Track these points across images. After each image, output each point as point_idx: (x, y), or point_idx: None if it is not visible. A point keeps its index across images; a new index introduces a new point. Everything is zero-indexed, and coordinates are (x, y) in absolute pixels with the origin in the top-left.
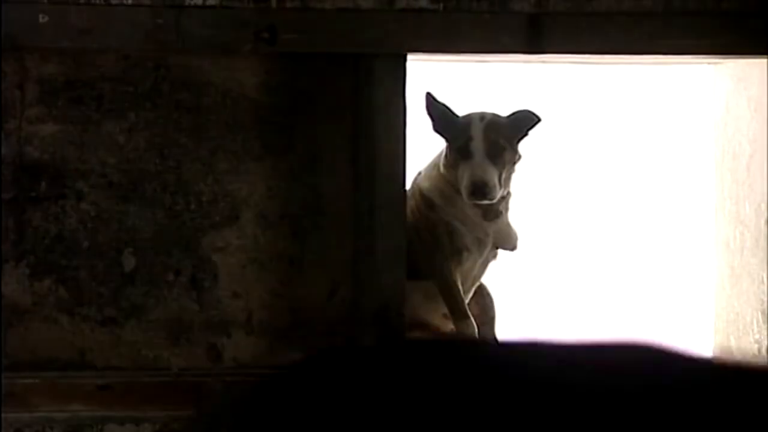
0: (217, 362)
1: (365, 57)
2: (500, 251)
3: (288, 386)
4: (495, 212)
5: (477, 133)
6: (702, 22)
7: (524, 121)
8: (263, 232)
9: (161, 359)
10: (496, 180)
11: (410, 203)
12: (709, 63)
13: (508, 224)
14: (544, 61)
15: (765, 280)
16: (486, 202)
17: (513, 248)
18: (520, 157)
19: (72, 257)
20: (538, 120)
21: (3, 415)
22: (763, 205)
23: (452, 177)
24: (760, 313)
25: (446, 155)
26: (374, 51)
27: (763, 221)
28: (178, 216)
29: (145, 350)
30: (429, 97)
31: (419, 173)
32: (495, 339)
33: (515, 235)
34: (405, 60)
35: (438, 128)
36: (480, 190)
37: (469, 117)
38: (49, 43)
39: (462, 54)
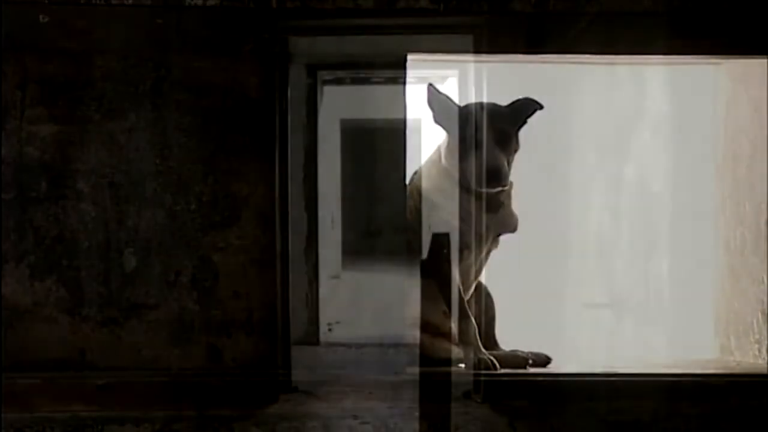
0: (217, 362)
1: (365, 57)
2: (501, 238)
3: None
4: (497, 203)
5: (483, 122)
6: (702, 22)
7: (524, 109)
8: (263, 232)
9: (161, 359)
10: (507, 166)
11: (409, 203)
12: (709, 63)
13: (510, 212)
14: (544, 61)
15: (765, 280)
16: (499, 189)
17: (514, 230)
18: (518, 146)
19: (72, 257)
20: (538, 107)
21: (3, 415)
22: (763, 205)
23: (456, 168)
24: (760, 313)
25: (448, 147)
26: (374, 51)
27: (763, 221)
28: (178, 216)
29: (145, 350)
30: (431, 88)
31: (416, 172)
32: (494, 339)
33: (515, 217)
34: (405, 60)
35: (439, 120)
36: (495, 176)
37: (470, 107)
38: (49, 43)
39: (462, 54)
